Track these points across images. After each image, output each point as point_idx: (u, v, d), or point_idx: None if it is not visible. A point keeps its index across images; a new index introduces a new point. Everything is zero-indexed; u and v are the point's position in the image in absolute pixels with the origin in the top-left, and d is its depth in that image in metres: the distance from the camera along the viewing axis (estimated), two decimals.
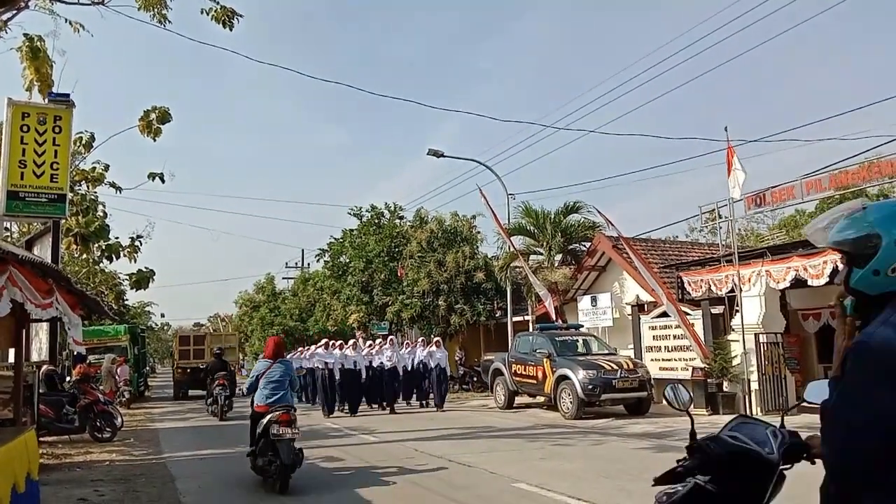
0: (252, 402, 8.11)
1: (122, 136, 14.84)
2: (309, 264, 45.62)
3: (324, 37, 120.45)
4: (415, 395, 19.06)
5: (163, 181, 15.55)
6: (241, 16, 10.93)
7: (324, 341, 18.74)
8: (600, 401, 14.48)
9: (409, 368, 18.41)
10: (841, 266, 1.89)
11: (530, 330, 20.07)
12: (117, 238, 16.04)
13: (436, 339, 18.98)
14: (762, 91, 72.77)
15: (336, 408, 17.16)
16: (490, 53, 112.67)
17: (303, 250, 48.69)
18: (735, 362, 14.48)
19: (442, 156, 23.62)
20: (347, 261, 29.67)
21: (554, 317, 19.45)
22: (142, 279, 16.18)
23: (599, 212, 18.49)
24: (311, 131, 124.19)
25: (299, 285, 42.44)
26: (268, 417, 7.62)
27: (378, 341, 19.72)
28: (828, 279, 13.05)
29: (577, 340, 16.98)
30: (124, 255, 16.06)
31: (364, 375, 17.37)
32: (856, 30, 68.32)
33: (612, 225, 17.47)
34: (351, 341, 18.42)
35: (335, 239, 31.26)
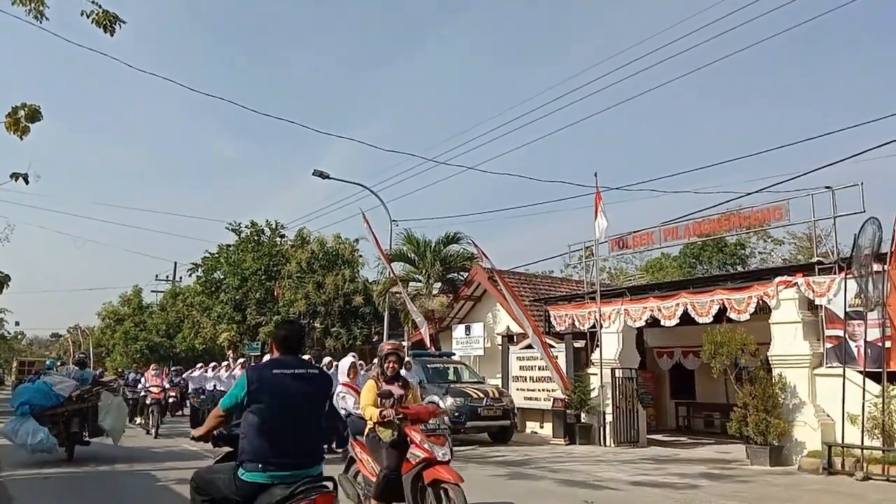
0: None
1: None
2: (181, 278, 43.93)
3: (226, 48, 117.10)
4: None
5: (27, 182, 14.65)
6: (123, 22, 10.58)
7: (267, 357, 13.55)
8: (465, 428, 14.81)
9: None
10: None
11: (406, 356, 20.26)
12: None
13: (407, 359, 14.34)
14: (632, 142, 77.39)
15: None
16: (390, 80, 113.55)
17: (175, 263, 46.59)
18: (593, 395, 15.25)
19: (328, 177, 23.53)
20: (222, 277, 28.87)
21: (428, 344, 19.75)
22: None
23: (475, 244, 19.04)
24: (198, 143, 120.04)
25: (168, 300, 40.73)
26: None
27: (327, 359, 14.66)
28: (678, 321, 14.08)
29: (449, 368, 17.32)
30: None
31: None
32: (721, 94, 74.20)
33: (487, 258, 18.04)
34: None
35: (210, 254, 30.37)
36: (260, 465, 3.72)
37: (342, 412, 7.54)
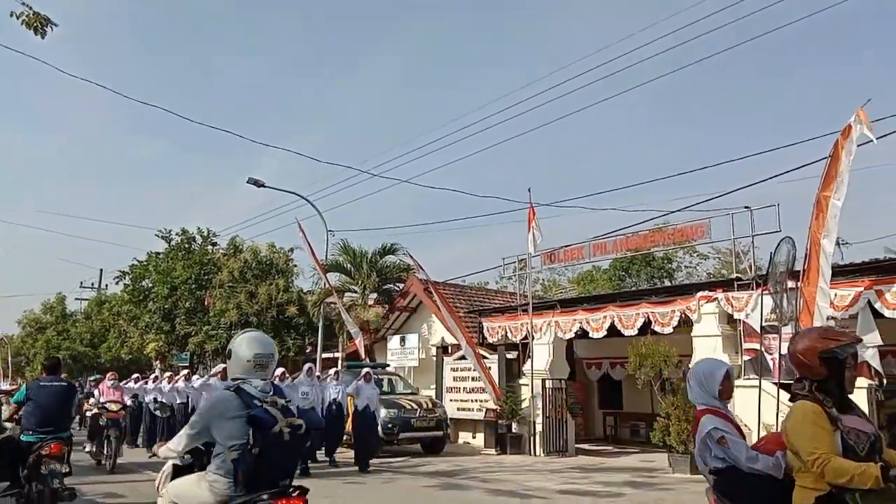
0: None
1: None
2: (107, 286, 42.58)
3: (162, 50, 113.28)
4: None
5: None
6: (55, 24, 10.37)
7: (220, 367, 12.23)
8: (398, 439, 14.88)
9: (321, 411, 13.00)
10: None
11: (339, 367, 20.19)
12: None
13: (365, 370, 13.89)
14: (565, 158, 79.10)
15: None
16: (329, 90, 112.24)
17: (101, 270, 45.20)
18: (524, 405, 15.54)
19: (263, 186, 23.19)
20: (150, 286, 28.12)
21: (363, 355, 19.74)
22: None
23: (411, 256, 19.17)
24: (127, 145, 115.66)
25: (93, 308, 39.39)
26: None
27: (280, 370, 12.62)
28: (606, 333, 14.52)
29: (383, 379, 17.35)
30: None
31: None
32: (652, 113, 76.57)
33: (422, 269, 18.20)
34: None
35: (138, 261, 29.54)
36: (31, 432, 7.00)
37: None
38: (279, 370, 12.93)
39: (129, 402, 14.22)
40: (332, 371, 14.72)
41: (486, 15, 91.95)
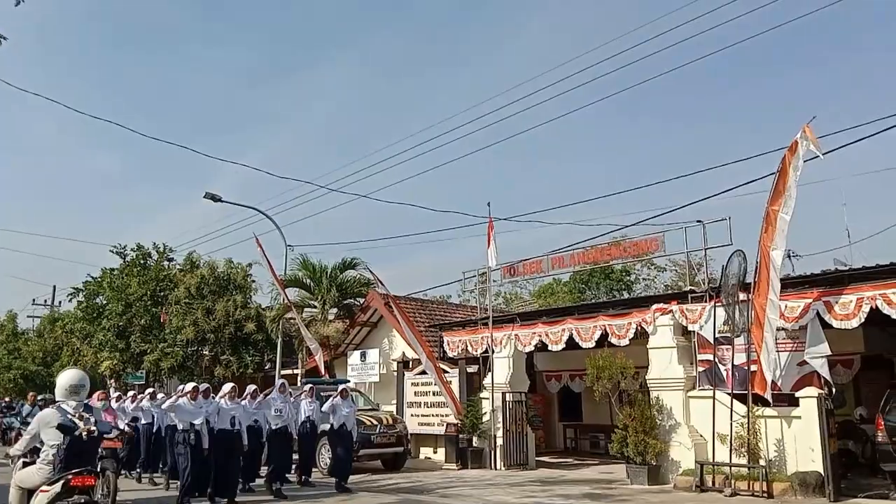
0: None
1: None
2: (60, 303, 41.55)
3: (114, 61, 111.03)
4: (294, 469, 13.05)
5: None
6: (4, 38, 10.19)
7: (190, 385, 11.15)
8: (358, 456, 14.75)
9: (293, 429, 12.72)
10: None
11: (298, 384, 19.97)
12: None
13: (342, 386, 13.53)
14: (523, 173, 79.91)
15: (194, 493, 10.37)
16: (288, 102, 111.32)
17: (54, 287, 44.18)
18: (485, 419, 15.55)
19: (220, 200, 22.86)
20: (104, 302, 27.49)
21: (323, 371, 19.57)
22: None
23: (371, 270, 19.14)
24: (80, 159, 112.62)
25: (46, 326, 38.36)
26: None
27: (252, 387, 12.29)
28: (565, 345, 14.65)
29: None
30: None
31: (245, 440, 11.05)
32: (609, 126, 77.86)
33: (382, 284, 18.14)
34: (227, 386, 11.29)
35: (92, 278, 28.87)
36: None
37: None
38: (251, 387, 12.45)
39: (126, 428, 10.67)
40: (306, 387, 14.05)
41: (445, 30, 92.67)
